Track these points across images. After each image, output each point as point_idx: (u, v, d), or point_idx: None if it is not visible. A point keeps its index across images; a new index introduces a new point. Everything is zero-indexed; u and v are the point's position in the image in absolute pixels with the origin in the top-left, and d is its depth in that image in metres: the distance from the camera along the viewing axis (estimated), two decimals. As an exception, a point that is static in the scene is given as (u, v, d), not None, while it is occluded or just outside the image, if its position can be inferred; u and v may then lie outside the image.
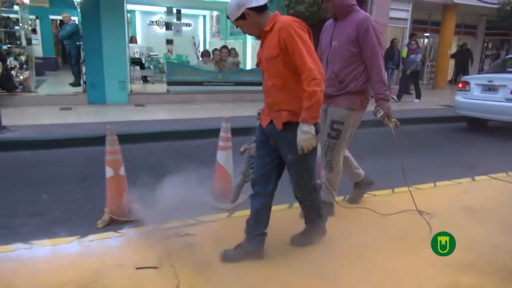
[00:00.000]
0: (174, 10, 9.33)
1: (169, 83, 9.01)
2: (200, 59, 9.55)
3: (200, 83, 9.20)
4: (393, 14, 11.74)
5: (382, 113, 2.86)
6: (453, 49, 14.53)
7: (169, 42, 9.67)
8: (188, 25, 14.56)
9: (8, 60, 7.78)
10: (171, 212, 2.96)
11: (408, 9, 12.26)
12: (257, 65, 2.45)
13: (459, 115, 7.40)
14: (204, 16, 14.94)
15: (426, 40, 15.16)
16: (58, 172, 4.33)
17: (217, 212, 3.25)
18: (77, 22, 9.38)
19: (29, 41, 8.29)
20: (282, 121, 2.27)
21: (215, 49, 9.54)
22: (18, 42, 8.74)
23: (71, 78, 9.72)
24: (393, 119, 2.90)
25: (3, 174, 4.23)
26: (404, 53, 11.36)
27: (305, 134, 2.13)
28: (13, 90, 7.66)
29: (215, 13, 14.15)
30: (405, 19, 12.40)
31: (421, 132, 7.11)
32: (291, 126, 2.24)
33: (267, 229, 2.53)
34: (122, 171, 3.01)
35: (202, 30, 15.15)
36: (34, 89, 8.35)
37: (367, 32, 2.75)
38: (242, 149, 2.71)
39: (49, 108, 7.51)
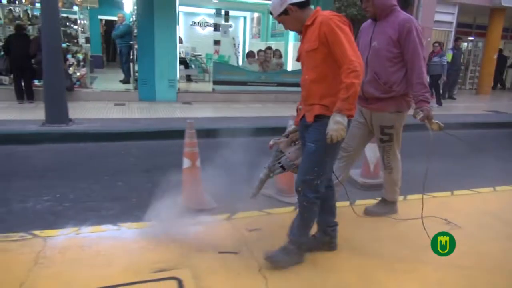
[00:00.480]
0: (223, 12, 9.59)
1: (215, 82, 9.26)
2: (245, 59, 9.75)
3: (244, 83, 9.41)
4: (438, 17, 11.57)
5: (421, 115, 2.79)
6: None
7: (216, 42, 9.93)
8: (229, 26, 14.84)
9: (67, 57, 8.25)
10: (240, 203, 3.13)
11: (453, 12, 12.07)
12: (297, 59, 2.48)
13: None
14: (245, 18, 15.18)
15: (470, 44, 14.75)
16: (124, 163, 4.61)
17: (282, 205, 3.39)
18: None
19: (87, 40, 8.75)
20: (313, 114, 2.30)
21: (260, 50, 9.73)
22: (75, 40, 9.27)
23: (117, 75, 10.16)
24: (436, 121, 2.81)
25: (77, 163, 4.56)
26: (449, 57, 11.16)
27: (337, 124, 2.12)
28: (72, 89, 8.01)
29: (255, 14, 14.37)
30: (451, 22, 12.21)
31: (473, 137, 6.98)
32: (321, 119, 2.27)
33: (336, 218, 2.63)
34: (198, 163, 3.21)
35: (242, 31, 15.40)
36: (89, 85, 8.79)
37: (409, 33, 2.73)
38: (271, 142, 2.67)
39: (104, 103, 7.91)
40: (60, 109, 5.65)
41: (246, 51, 14.74)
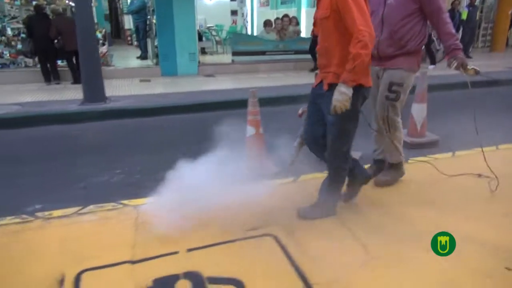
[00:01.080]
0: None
1: (234, 53, 9.29)
2: (262, 28, 9.71)
3: (262, 53, 9.44)
4: (453, -27, 11.34)
5: (456, 63, 2.78)
6: None
7: (233, 13, 9.87)
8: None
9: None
10: (301, 167, 3.31)
11: (468, -32, 11.79)
12: (314, 25, 2.53)
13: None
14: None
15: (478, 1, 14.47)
16: (173, 135, 4.77)
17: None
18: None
19: (106, 17, 8.71)
20: (327, 82, 2.36)
21: (277, 18, 9.68)
22: (91, 18, 9.22)
23: (129, 52, 10.16)
24: (471, 67, 2.79)
25: (128, 137, 4.74)
26: (464, 15, 11.06)
27: (341, 95, 2.18)
28: None
29: (264, -18, 14.11)
30: (464, -21, 11.97)
31: (504, 94, 7.02)
32: (334, 88, 2.29)
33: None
34: (261, 130, 3.36)
35: (249, 0, 15.15)
36: (111, 63, 8.83)
37: None
38: (300, 111, 2.76)
39: (129, 80, 8.01)
40: (98, 88, 5.76)
41: (255, 20, 14.59)
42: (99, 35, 8.83)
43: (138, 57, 10.01)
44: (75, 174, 3.52)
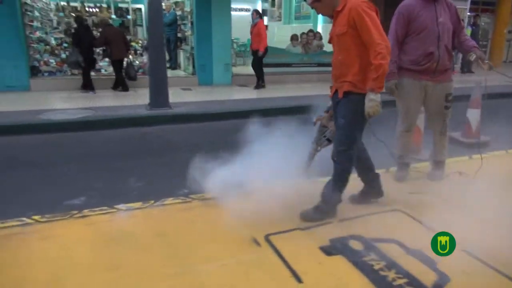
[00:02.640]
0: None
1: (263, 65, 9.86)
2: (289, 42, 10.36)
3: (288, 65, 10.07)
4: (455, -5, 12.33)
5: (475, 56, 3.18)
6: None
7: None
8: (247, 10, 15.30)
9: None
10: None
11: (469, -10, 12.84)
12: (329, 41, 2.77)
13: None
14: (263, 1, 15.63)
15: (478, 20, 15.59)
16: (249, 137, 5.24)
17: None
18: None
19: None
20: (343, 90, 2.60)
21: (303, 33, 10.35)
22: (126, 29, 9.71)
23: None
24: (487, 61, 3.21)
25: (208, 139, 5.20)
26: (468, 32, 12.00)
27: (372, 102, 2.44)
28: (135, 77, 8.40)
29: (275, -3, 14.84)
30: (465, 0, 12.99)
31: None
32: (349, 95, 2.58)
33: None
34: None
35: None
36: (149, 72, 9.29)
37: (456, 9, 3.40)
38: (314, 119, 3.03)
39: (171, 89, 8.37)
40: (164, 94, 6.24)
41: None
42: (137, 46, 9.33)
43: (167, 68, 10.47)
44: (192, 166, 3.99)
